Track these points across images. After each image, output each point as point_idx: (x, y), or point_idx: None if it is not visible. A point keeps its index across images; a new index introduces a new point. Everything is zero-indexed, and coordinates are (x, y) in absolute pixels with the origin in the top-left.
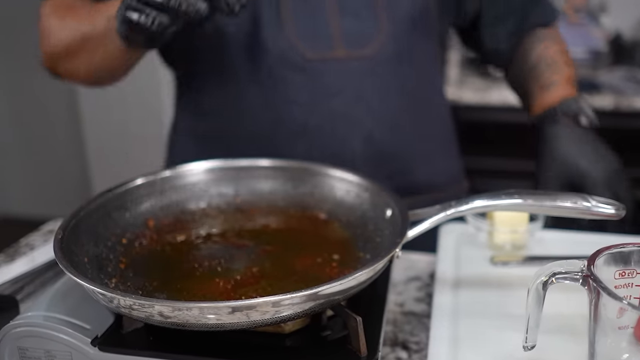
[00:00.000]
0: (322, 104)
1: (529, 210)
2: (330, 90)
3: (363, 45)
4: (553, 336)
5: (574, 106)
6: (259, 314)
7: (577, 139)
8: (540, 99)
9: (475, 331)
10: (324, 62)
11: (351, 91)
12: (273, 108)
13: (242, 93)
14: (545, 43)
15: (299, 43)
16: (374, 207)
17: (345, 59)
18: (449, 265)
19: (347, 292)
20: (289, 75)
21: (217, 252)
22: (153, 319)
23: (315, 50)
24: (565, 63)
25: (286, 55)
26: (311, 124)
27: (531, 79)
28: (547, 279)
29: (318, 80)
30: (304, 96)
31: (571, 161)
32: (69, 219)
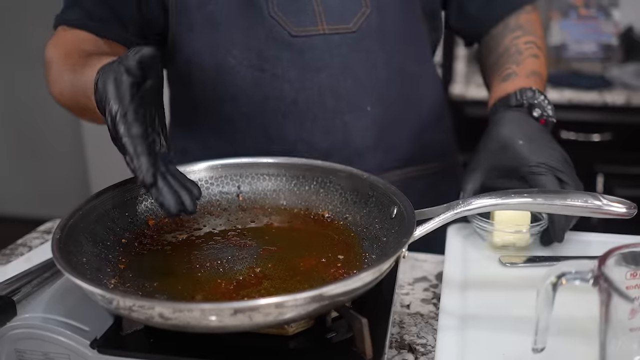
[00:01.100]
0: (310, 79)
1: (539, 209)
2: (317, 65)
3: (346, 19)
4: (563, 338)
5: (529, 96)
6: (262, 316)
7: (522, 123)
8: (496, 91)
9: (484, 333)
10: (309, 38)
11: (337, 65)
12: (263, 86)
13: (232, 75)
14: (516, 33)
15: (285, 20)
16: (380, 206)
17: (330, 34)
18: (457, 266)
19: (352, 293)
20: (276, 53)
21: (219, 252)
22: (153, 321)
23: (300, 27)
24: (532, 55)
25: (273, 33)
26: (301, 99)
27: (494, 70)
28: (557, 280)
29: (305, 56)
30: (293, 72)
31: (509, 142)
32: (67, 218)
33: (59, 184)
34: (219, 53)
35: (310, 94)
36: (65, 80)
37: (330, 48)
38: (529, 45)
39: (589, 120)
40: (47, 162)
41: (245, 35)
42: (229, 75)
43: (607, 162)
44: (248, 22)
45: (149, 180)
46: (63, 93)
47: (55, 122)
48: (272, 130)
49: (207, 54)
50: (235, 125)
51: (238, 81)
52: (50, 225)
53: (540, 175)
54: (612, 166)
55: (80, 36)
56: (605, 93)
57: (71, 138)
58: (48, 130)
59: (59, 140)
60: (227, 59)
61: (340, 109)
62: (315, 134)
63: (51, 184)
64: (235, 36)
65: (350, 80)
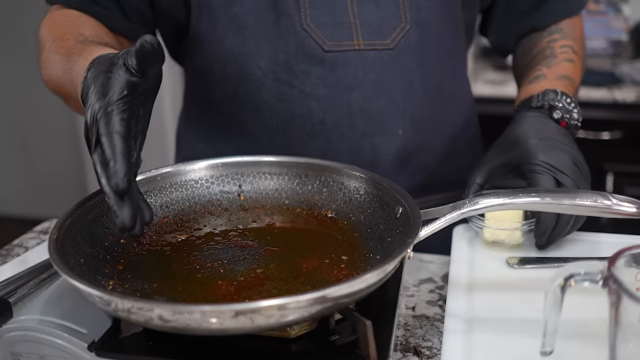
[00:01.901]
0: (340, 98)
1: (547, 208)
2: (350, 83)
3: (384, 35)
4: (572, 341)
5: (550, 98)
6: (264, 318)
7: (539, 123)
8: (522, 92)
9: (491, 336)
10: (343, 54)
11: (371, 84)
12: (290, 103)
13: (257, 87)
14: (554, 36)
15: (317, 33)
16: (384, 206)
17: (366, 50)
18: (463, 267)
19: (356, 294)
20: (306, 68)
21: (220, 252)
22: (152, 323)
23: (333, 41)
24: (566, 59)
25: (304, 46)
26: (329, 119)
27: (525, 72)
28: (566, 282)
29: (336, 73)
30: (322, 90)
31: (521, 140)
32: (64, 218)
33: (55, 183)
34: (244, 61)
35: (340, 114)
36: (56, 64)
37: (364, 65)
38: (565, 49)
39: (599, 117)
40: (44, 160)
41: (273, 46)
42: (253, 87)
43: (616, 160)
44: (277, 31)
45: (122, 186)
46: (52, 77)
47: (51, 119)
48: (296, 147)
49: (230, 59)
50: (256, 138)
51: (263, 94)
52: (47, 225)
53: (537, 174)
54: (622, 165)
55: (80, 19)
56: (615, 90)
57: (68, 136)
58: (44, 128)
59: (56, 138)
60: (252, 69)
61: (370, 131)
62: (342, 154)
63: (48, 183)
64: (261, 45)
65: (383, 100)
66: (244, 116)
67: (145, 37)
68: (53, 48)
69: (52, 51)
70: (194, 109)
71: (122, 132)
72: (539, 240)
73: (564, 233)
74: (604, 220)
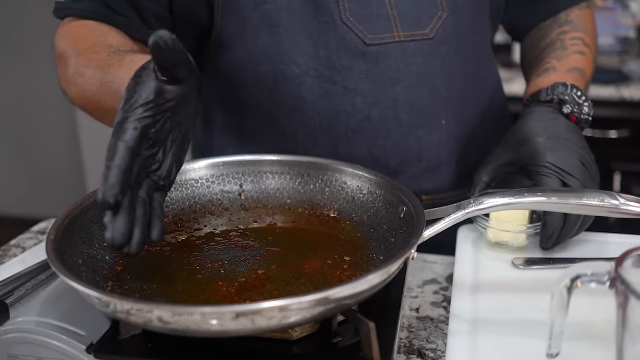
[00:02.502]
0: (384, 92)
1: (553, 208)
2: (393, 76)
3: (423, 25)
4: (578, 343)
5: (560, 91)
6: (265, 320)
7: (547, 120)
8: (531, 86)
9: (496, 338)
10: (384, 46)
11: (414, 76)
12: (333, 100)
13: (296, 86)
14: (564, 27)
15: (358, 27)
16: (388, 205)
17: (406, 41)
18: (468, 268)
19: (359, 296)
20: (348, 63)
21: (220, 253)
22: (152, 325)
23: (374, 33)
24: (577, 52)
25: (345, 41)
26: (374, 115)
27: (534, 65)
28: (572, 283)
29: (379, 66)
30: (366, 85)
31: (528, 138)
32: (62, 218)
33: (53, 182)
34: (279, 59)
35: (384, 108)
36: (90, 78)
37: (406, 56)
38: (576, 41)
39: (606, 116)
40: (42, 159)
41: (312, 42)
42: (292, 86)
43: (624, 159)
44: (315, 27)
45: (109, 201)
46: (84, 93)
47: (49, 117)
48: (340, 146)
49: (264, 59)
50: (298, 139)
51: (303, 92)
52: (44, 225)
53: (544, 176)
54: (630, 164)
55: (100, 30)
56: (623, 88)
57: (66, 134)
58: (42, 126)
59: (54, 137)
60: (289, 67)
61: (415, 123)
62: (387, 150)
63: (46, 182)
64: (299, 42)
65: (427, 91)
66: (283, 117)
67: (158, 32)
68: (82, 62)
69: (81, 65)
70: (219, 113)
71: (129, 140)
72: (545, 245)
73: (571, 235)
74: (611, 220)
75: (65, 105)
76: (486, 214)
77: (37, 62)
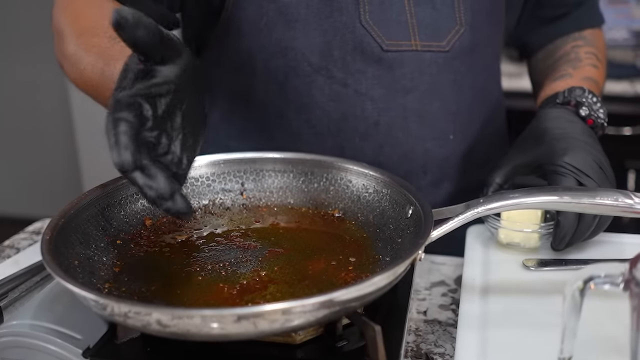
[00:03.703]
0: (395, 100)
1: (566, 208)
2: (406, 84)
3: (440, 37)
4: (591, 347)
5: (577, 94)
6: (268, 323)
7: (564, 121)
8: (546, 90)
9: (506, 342)
10: (401, 54)
11: (427, 87)
12: (342, 102)
13: (305, 84)
14: (578, 42)
15: (377, 31)
16: (394, 205)
17: (422, 51)
18: (477, 269)
19: (365, 298)
20: (362, 67)
21: (221, 254)
22: (150, 328)
23: (392, 40)
24: (591, 64)
25: (363, 44)
26: (383, 122)
27: (548, 73)
28: (585, 285)
29: (393, 74)
30: (378, 90)
31: (544, 138)
32: (58, 217)
33: (48, 181)
34: (292, 55)
35: (394, 116)
36: (90, 65)
37: (420, 67)
38: (590, 55)
39: (620, 112)
40: (36, 157)
41: (327, 41)
42: (302, 84)
43: (639, 157)
44: (331, 26)
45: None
46: (83, 77)
47: (44, 113)
48: (347, 151)
49: (276, 53)
50: (303, 140)
51: (313, 91)
52: (39, 225)
53: (560, 175)
54: None
55: (106, 6)
56: (637, 83)
57: (62, 131)
58: (36, 123)
59: (49, 134)
60: (301, 64)
61: (423, 135)
62: (394, 159)
63: (40, 180)
64: (313, 39)
65: (437, 103)
66: (290, 114)
67: (118, 9)
68: (82, 45)
69: (81, 49)
70: (221, 100)
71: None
72: (557, 246)
73: (584, 237)
74: (625, 220)
75: (61, 99)
76: (497, 214)
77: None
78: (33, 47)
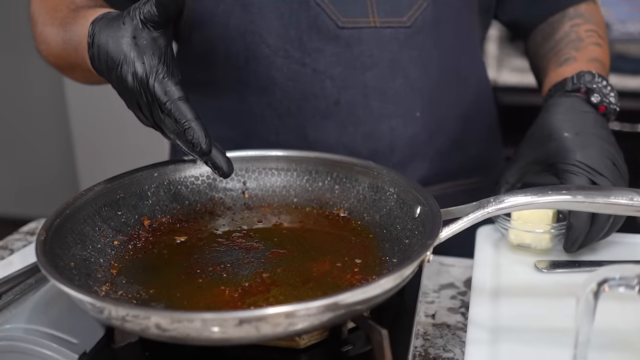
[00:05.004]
0: (355, 77)
1: (579, 207)
2: (365, 61)
3: (401, 12)
4: (606, 352)
5: (587, 80)
6: (270, 327)
7: (575, 112)
8: (552, 76)
9: (517, 346)
10: (358, 31)
11: (387, 63)
12: (301, 82)
13: (265, 66)
14: (575, 21)
15: (331, 8)
16: (402, 204)
17: (381, 28)
18: (487, 271)
19: (371, 301)
20: (319, 45)
21: (222, 255)
22: (149, 332)
23: (348, 17)
24: (593, 43)
25: (318, 22)
26: (344, 100)
27: (551, 57)
28: (599, 287)
29: (351, 51)
30: (336, 68)
31: (555, 134)
32: (53, 218)
33: (44, 180)
34: (250, 39)
35: (355, 94)
36: (54, 36)
37: (380, 43)
38: (590, 33)
39: (635, 108)
40: (31, 155)
41: (283, 22)
42: (261, 66)
43: None
44: (287, 6)
45: (207, 149)
46: (51, 50)
47: (39, 110)
48: (309, 132)
49: (235, 38)
50: (265, 123)
51: (273, 73)
52: (34, 225)
53: (572, 174)
54: None
55: None
56: None
57: (57, 128)
58: (31, 119)
59: (44, 131)
60: (259, 47)
61: (387, 113)
62: (357, 138)
63: (35, 179)
64: (270, 22)
65: (400, 80)
66: (252, 99)
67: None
68: (47, 20)
69: (46, 24)
70: (192, 95)
71: (183, 96)
72: (570, 249)
73: (598, 238)
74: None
75: (56, 95)
76: (508, 214)
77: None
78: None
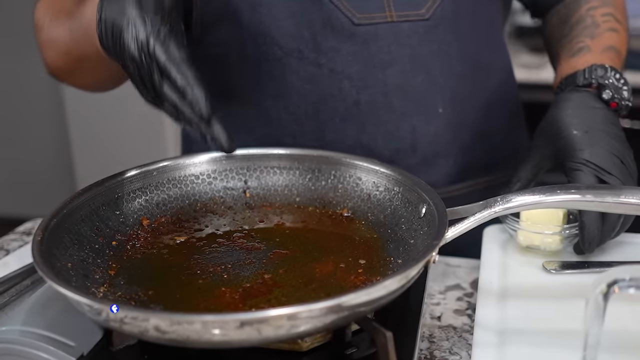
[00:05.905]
0: (374, 76)
1: (588, 207)
2: (384, 59)
3: (418, 5)
4: (616, 355)
5: (599, 75)
6: (272, 329)
7: (585, 109)
8: (564, 67)
9: (525, 349)
10: (375, 27)
11: (407, 59)
12: (318, 84)
13: (279, 69)
14: (593, 3)
15: (346, 5)
16: (407, 204)
17: (399, 22)
18: (494, 272)
19: (375, 303)
20: (335, 44)
21: (223, 256)
22: (148, 335)
23: (364, 13)
24: (610, 29)
25: (332, 20)
26: (363, 100)
27: (564, 44)
28: (609, 289)
29: (369, 48)
30: (354, 67)
31: (565, 131)
32: (50, 217)
33: (40, 179)
34: (262, 40)
35: (375, 94)
36: (60, 31)
37: (398, 39)
38: (607, 17)
39: None
40: (27, 154)
41: (295, 21)
42: (275, 69)
43: None
44: (298, 5)
45: (206, 111)
46: (58, 49)
47: (36, 109)
48: (327, 134)
49: (246, 40)
50: (283, 127)
51: (287, 75)
52: (30, 225)
53: (579, 172)
54: None
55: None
56: None
57: (54, 125)
58: (27, 116)
59: (40, 128)
60: (272, 49)
61: (409, 111)
62: (378, 139)
63: (31, 178)
64: (280, 22)
65: (421, 76)
66: (268, 102)
67: None
68: (53, 21)
69: (52, 25)
70: None
71: (185, 57)
72: (587, 250)
73: (609, 238)
74: None
75: (53, 94)
76: (516, 214)
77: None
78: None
